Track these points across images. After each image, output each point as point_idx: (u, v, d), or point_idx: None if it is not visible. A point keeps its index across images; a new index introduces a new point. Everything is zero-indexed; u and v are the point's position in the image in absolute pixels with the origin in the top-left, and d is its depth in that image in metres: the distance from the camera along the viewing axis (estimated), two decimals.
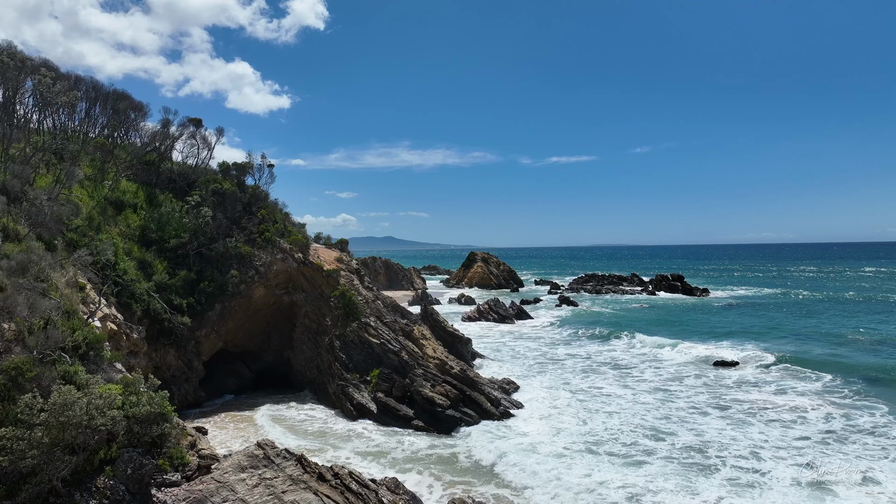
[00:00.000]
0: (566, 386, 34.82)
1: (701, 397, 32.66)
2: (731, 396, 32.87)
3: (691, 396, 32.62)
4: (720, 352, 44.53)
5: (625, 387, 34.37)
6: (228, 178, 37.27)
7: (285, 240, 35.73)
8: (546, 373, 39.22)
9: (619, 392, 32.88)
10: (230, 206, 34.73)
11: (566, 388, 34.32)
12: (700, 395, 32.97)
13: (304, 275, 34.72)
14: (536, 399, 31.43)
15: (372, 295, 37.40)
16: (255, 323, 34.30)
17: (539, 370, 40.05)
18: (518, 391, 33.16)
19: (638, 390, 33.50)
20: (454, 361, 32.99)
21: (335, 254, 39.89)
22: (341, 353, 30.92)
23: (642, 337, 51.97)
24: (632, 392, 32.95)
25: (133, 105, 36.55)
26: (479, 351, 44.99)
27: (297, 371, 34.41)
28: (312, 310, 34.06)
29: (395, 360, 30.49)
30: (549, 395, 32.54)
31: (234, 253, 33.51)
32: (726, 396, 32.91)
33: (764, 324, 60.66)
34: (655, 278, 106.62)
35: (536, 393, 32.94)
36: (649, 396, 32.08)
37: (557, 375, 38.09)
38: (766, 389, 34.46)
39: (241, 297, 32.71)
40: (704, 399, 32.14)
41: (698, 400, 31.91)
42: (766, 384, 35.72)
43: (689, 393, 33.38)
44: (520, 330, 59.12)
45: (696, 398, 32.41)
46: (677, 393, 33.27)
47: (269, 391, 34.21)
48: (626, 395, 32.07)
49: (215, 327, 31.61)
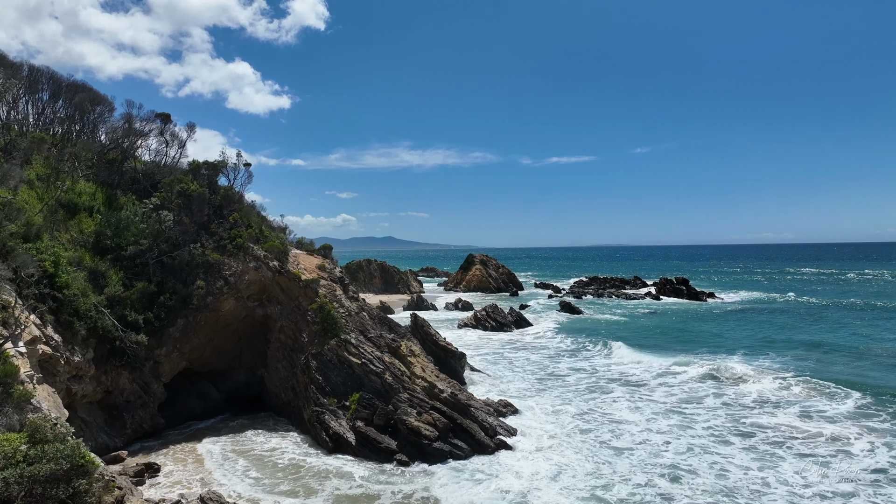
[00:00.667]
0: (569, 408, 31.47)
1: (719, 420, 29.39)
2: (753, 420, 29.59)
3: (709, 421, 29.29)
4: (735, 366, 41.21)
5: (635, 409, 30.98)
6: (199, 178, 33.94)
7: (260, 246, 32.41)
8: (547, 390, 35.91)
9: (630, 417, 29.47)
10: (197, 210, 31.40)
11: (569, 410, 30.97)
12: (718, 419, 29.68)
13: (279, 285, 31.39)
14: (535, 426, 28.09)
15: (356, 306, 34.08)
16: (225, 339, 30.95)
17: (540, 387, 36.73)
18: (516, 415, 29.84)
19: (650, 414, 30.14)
20: (445, 382, 29.67)
21: (317, 260, 36.57)
22: (317, 375, 27.58)
23: (650, 349, 48.70)
24: (643, 417, 29.57)
25: (92, 98, 33.19)
26: (475, 365, 41.67)
27: (272, 392, 31.08)
28: (288, 324, 30.72)
29: (377, 382, 27.15)
30: (550, 420, 29.21)
31: (201, 261, 30.20)
32: (746, 420, 29.64)
33: (776, 333, 57.30)
34: (660, 282, 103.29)
35: (536, 418, 29.61)
36: (663, 422, 28.72)
37: (560, 394, 34.75)
38: (789, 412, 31.15)
39: (208, 311, 29.38)
40: (723, 423, 28.85)
41: (717, 425, 28.60)
42: (788, 404, 32.45)
43: (707, 416, 30.06)
44: (519, 339, 55.80)
45: (714, 422, 29.12)
46: (694, 416, 29.93)
47: (240, 414, 30.85)
48: (638, 422, 28.67)
49: (178, 345, 28.27)
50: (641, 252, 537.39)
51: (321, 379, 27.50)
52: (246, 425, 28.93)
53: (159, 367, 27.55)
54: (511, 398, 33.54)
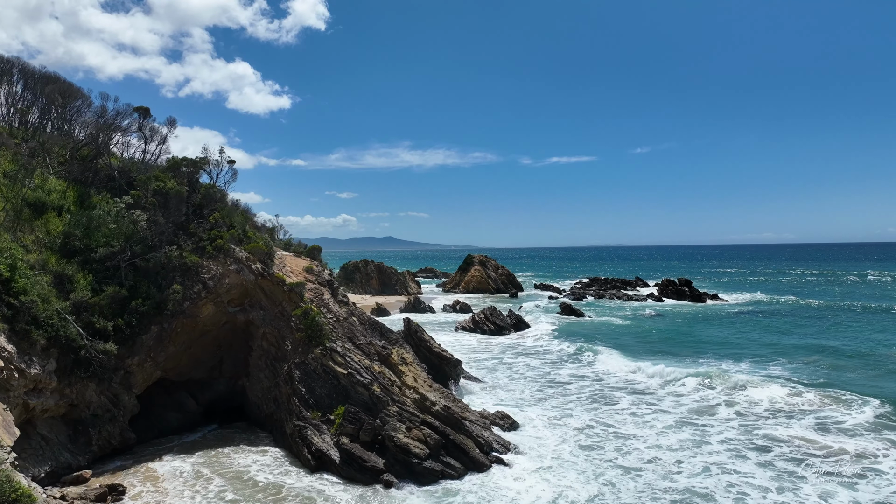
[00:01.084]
0: (571, 420, 29.56)
1: (731, 433, 27.61)
2: (767, 432, 27.77)
3: (722, 433, 27.45)
4: (744, 373, 39.38)
5: (642, 422, 29.00)
6: (178, 175, 32.05)
7: (242, 247, 30.50)
8: (548, 399, 34.02)
9: (637, 431, 27.51)
10: (175, 209, 29.48)
11: (571, 423, 29.06)
12: (730, 431, 27.89)
13: (262, 289, 29.48)
14: (534, 441, 26.20)
15: (345, 311, 32.19)
16: (203, 346, 29.04)
17: (539, 396, 34.82)
18: (514, 428, 27.93)
19: (660, 427, 28.19)
20: (438, 393, 27.77)
21: (304, 263, 34.67)
22: (300, 386, 25.67)
23: (656, 354, 46.83)
24: (652, 431, 27.63)
25: (64, 89, 31.28)
26: (471, 372, 39.77)
27: (253, 403, 29.16)
28: (271, 331, 28.82)
29: (364, 394, 25.24)
30: (551, 434, 27.31)
31: (178, 264, 28.27)
32: (759, 431, 27.85)
33: (783, 338, 55.27)
34: (662, 283, 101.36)
35: (535, 432, 27.73)
36: (673, 436, 26.78)
37: (561, 404, 32.86)
38: (805, 423, 29.30)
39: (185, 317, 27.47)
40: (736, 436, 27.05)
41: (730, 438, 26.78)
42: (802, 414, 30.62)
43: (720, 428, 28.21)
44: (519, 343, 53.87)
45: (727, 434, 27.37)
46: (706, 429, 28.04)
47: (220, 427, 28.96)
48: (646, 437, 26.71)
49: (151, 353, 26.35)
50: (642, 252, 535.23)
51: (304, 390, 25.60)
52: (225, 439, 27.02)
53: (131, 377, 25.63)
54: (509, 408, 31.68)
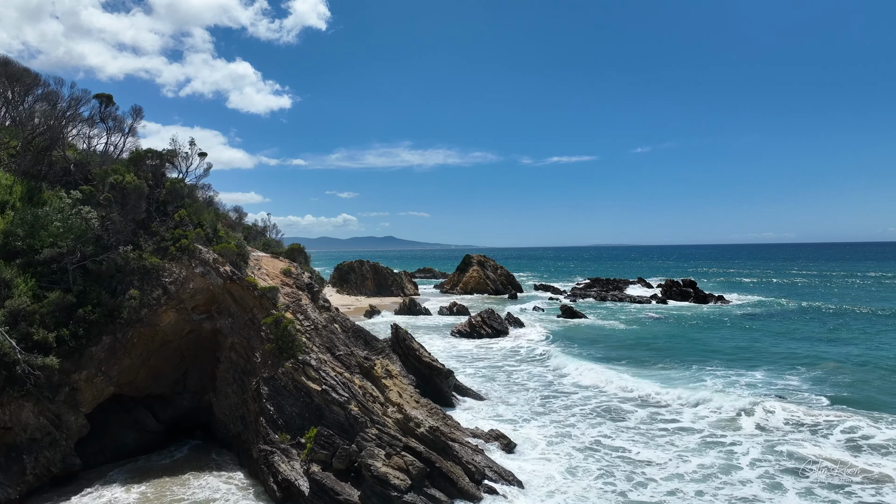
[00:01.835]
0: (574, 439, 26.66)
1: (756, 451, 24.93)
2: (792, 450, 25.11)
3: (749, 453, 24.69)
4: (760, 385, 36.54)
5: (656, 445, 25.77)
6: (142, 169, 29.18)
7: (211, 248, 27.63)
8: (548, 414, 31.12)
9: (652, 456, 24.29)
10: (134, 205, 26.59)
11: (574, 443, 26.15)
12: (755, 448, 25.17)
13: (231, 294, 26.57)
14: (533, 466, 23.26)
15: (325, 317, 29.31)
16: (164, 358, 26.13)
17: (539, 409, 31.91)
18: (510, 450, 25.02)
19: (680, 448, 25.24)
20: (425, 411, 24.88)
21: (282, 264, 31.78)
22: (269, 404, 22.75)
23: (663, 361, 43.92)
24: (668, 453, 24.53)
25: (12, 73, 28.34)
26: (465, 382, 36.83)
27: (220, 421, 26.24)
28: (240, 341, 25.91)
29: (340, 414, 22.32)
30: (551, 457, 24.38)
31: (136, 266, 25.37)
32: (781, 448, 25.35)
33: (796, 344, 52.09)
34: (665, 284, 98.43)
35: (534, 453, 24.81)
36: (694, 460, 23.70)
37: (562, 419, 29.95)
38: (833, 439, 26.69)
39: (143, 326, 24.57)
40: (763, 455, 24.45)
41: (757, 458, 24.06)
42: (828, 431, 27.82)
43: (745, 447, 25.39)
44: (517, 349, 50.93)
45: (753, 453, 24.65)
46: (733, 449, 25.16)
47: (184, 448, 26.07)
48: (662, 461, 23.62)
49: (103, 367, 23.44)
50: (642, 251, 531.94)
51: (273, 410, 22.68)
52: (186, 463, 24.12)
53: (78, 394, 22.72)
54: (505, 424, 28.86)
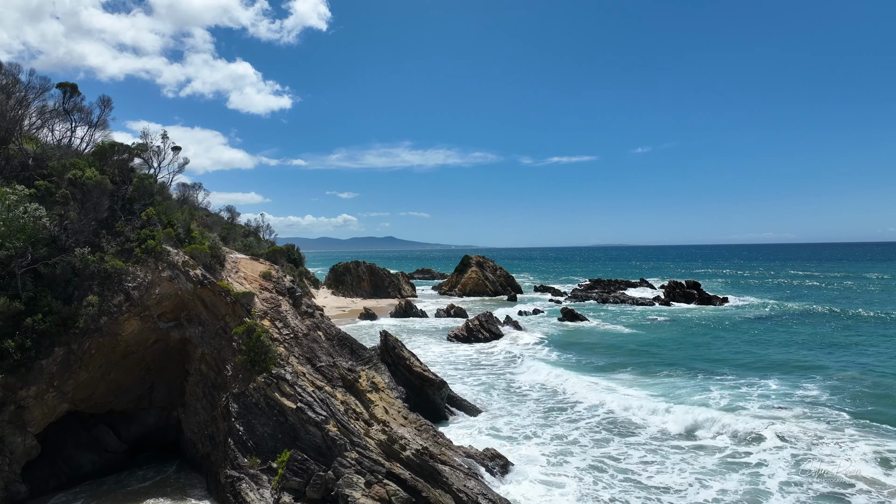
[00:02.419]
0: (579, 459, 24.32)
1: (783, 472, 22.79)
2: (821, 468, 23.09)
3: (776, 475, 22.51)
4: (776, 396, 34.22)
5: (672, 467, 23.21)
6: (108, 164, 26.90)
7: (182, 249, 25.33)
8: (551, 427, 28.82)
9: (667, 481, 21.68)
10: (96, 203, 24.30)
11: (579, 463, 23.83)
12: (782, 469, 23.10)
13: (202, 300, 24.27)
14: (533, 492, 20.94)
15: (308, 324, 27.02)
16: (127, 371, 23.80)
17: (540, 423, 29.59)
18: (507, 472, 22.71)
19: (697, 469, 22.89)
20: (413, 429, 22.55)
21: (262, 267, 29.48)
22: (238, 424, 20.44)
23: (670, 368, 41.57)
24: (685, 478, 22.13)
25: None
26: (460, 392, 34.51)
27: (189, 440, 23.92)
28: (210, 352, 23.59)
29: (316, 436, 20.00)
30: (553, 481, 22.03)
31: (96, 270, 23.07)
32: (809, 467, 23.31)
33: (808, 351, 49.23)
34: (668, 285, 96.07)
35: (534, 477, 22.45)
36: (716, 484, 21.33)
37: (565, 435, 27.62)
38: (861, 455, 24.43)
39: (102, 335, 22.25)
40: (791, 478, 22.19)
41: (788, 480, 21.92)
42: (849, 445, 25.59)
43: (773, 467, 23.22)
44: (515, 356, 48.58)
45: (781, 473, 22.55)
46: (758, 471, 22.84)
47: (148, 469, 23.74)
48: (681, 487, 21.09)
49: (55, 382, 21.13)
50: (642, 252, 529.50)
51: (242, 430, 20.37)
52: (148, 488, 21.80)
53: (25, 413, 20.41)
54: (503, 441, 26.60)
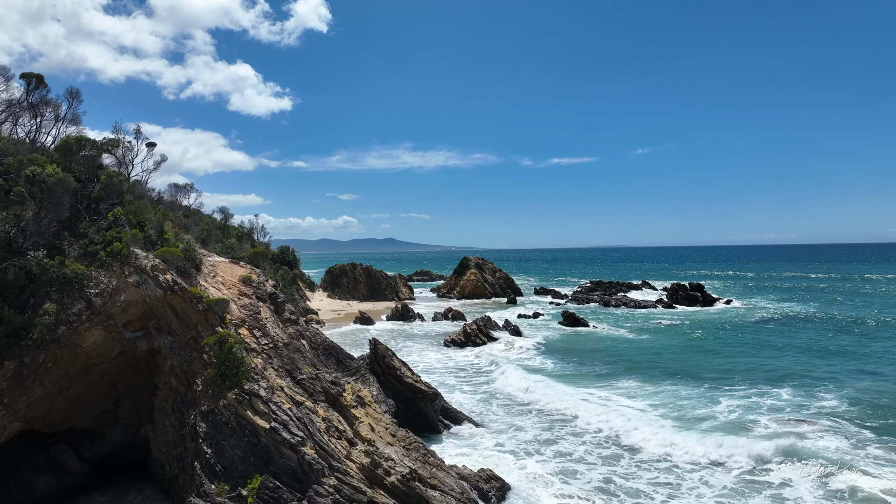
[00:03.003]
0: (586, 480, 22.33)
1: (811, 496, 20.74)
2: (846, 486, 21.14)
3: (805, 499, 20.49)
4: (791, 408, 32.29)
5: (688, 491, 21.25)
6: (74, 160, 24.97)
7: (153, 252, 23.37)
8: (554, 444, 26.84)
9: None
10: (56, 202, 22.34)
11: (586, 486, 21.82)
12: (809, 493, 20.99)
13: (172, 307, 22.28)
14: None
15: (289, 333, 25.04)
16: (88, 385, 21.80)
17: (543, 440, 27.53)
18: (504, 498, 20.71)
19: (717, 490, 20.97)
20: (401, 448, 20.57)
21: (241, 271, 27.52)
22: (206, 446, 18.46)
23: (675, 378, 39.63)
24: (708, 498, 20.26)
25: None
26: (456, 401, 32.55)
27: (157, 461, 21.92)
28: (181, 364, 21.62)
29: (292, 459, 18.02)
30: None
31: (55, 275, 21.11)
32: (836, 486, 21.15)
33: (815, 355, 47.16)
34: (671, 287, 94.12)
35: (537, 502, 20.49)
36: None
37: (571, 453, 25.60)
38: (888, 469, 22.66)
39: (60, 347, 20.27)
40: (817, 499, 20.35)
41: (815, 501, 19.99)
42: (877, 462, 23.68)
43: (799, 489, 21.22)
44: (514, 363, 46.58)
45: (809, 498, 20.57)
46: (782, 493, 20.90)
47: (111, 492, 21.75)
48: None
49: (5, 399, 19.15)
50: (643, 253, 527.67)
51: (210, 452, 18.38)
52: None
53: None
54: (501, 458, 24.69)
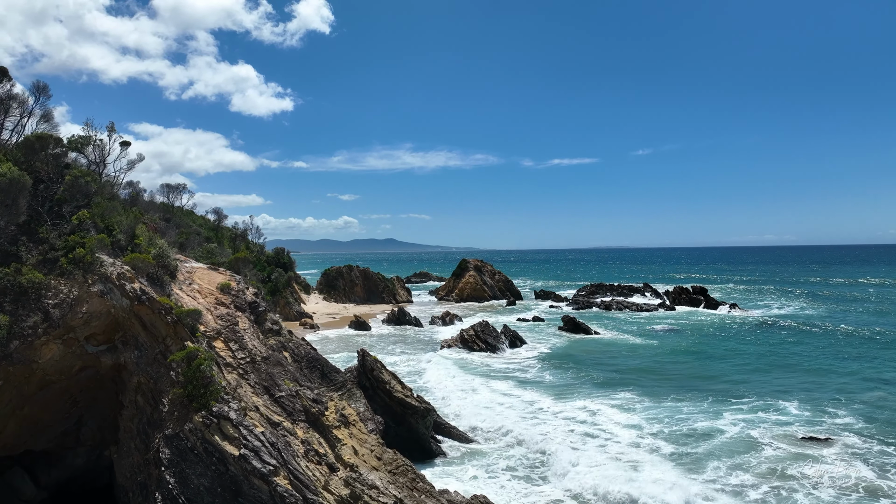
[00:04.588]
0: None
1: None
2: None
3: None
4: (797, 422, 30.51)
5: None
6: (39, 159, 23.15)
7: (122, 259, 21.55)
8: (554, 464, 24.97)
9: None
10: (11, 203, 20.52)
11: None
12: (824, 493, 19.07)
13: (139, 319, 20.46)
14: None
15: (269, 346, 23.18)
16: (46, 405, 19.98)
17: (543, 459, 25.75)
18: None
19: None
20: (387, 472, 18.76)
21: (221, 278, 25.65)
22: (168, 474, 16.63)
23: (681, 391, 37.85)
24: None
25: None
26: (450, 417, 30.73)
27: (121, 486, 20.10)
28: (147, 381, 19.79)
29: (263, 491, 16.21)
30: None
31: (9, 284, 19.28)
32: None
33: (824, 363, 45.51)
34: (674, 290, 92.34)
35: None
36: None
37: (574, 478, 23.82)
38: None
39: (12, 363, 18.43)
40: None
41: None
42: None
43: None
44: (513, 371, 44.78)
45: None
46: None
47: None
48: None
49: None
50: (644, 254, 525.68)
51: (173, 482, 16.56)
52: None
53: None
54: (498, 481, 22.79)
